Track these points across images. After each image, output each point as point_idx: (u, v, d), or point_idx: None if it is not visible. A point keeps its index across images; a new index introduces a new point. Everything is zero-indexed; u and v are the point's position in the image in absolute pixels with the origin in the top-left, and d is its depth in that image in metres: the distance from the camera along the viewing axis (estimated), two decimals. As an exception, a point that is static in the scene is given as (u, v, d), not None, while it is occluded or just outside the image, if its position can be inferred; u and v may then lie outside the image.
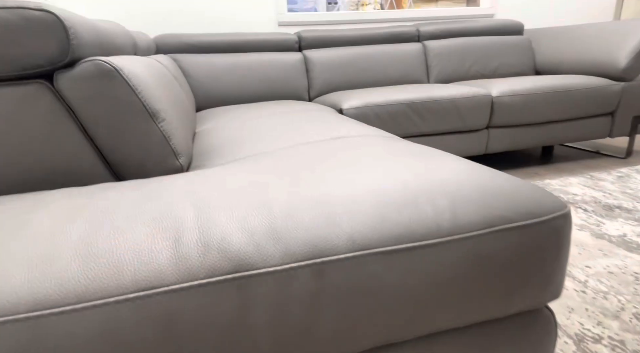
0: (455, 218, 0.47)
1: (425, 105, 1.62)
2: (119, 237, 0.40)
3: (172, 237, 0.42)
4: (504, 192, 0.51)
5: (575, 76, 1.84)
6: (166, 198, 0.49)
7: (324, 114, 1.24)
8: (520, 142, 1.79)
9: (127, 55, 0.91)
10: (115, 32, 0.94)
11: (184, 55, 1.85)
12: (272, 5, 2.26)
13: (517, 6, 2.69)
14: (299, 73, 1.97)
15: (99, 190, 0.55)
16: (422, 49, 2.15)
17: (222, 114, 1.52)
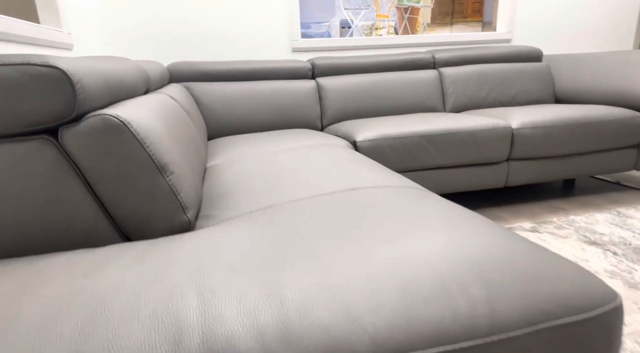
0: (493, 314, 0.41)
1: (443, 137, 1.57)
2: (112, 344, 0.36)
3: (171, 338, 0.37)
4: (546, 277, 0.45)
5: (598, 107, 1.78)
6: (169, 278, 0.45)
7: (339, 152, 1.20)
8: (542, 175, 1.72)
9: (138, 98, 0.89)
10: (126, 72, 0.92)
11: (197, 83, 1.84)
12: (286, 31, 2.26)
13: (534, 31, 2.65)
14: (311, 101, 1.95)
15: (100, 263, 0.51)
16: (437, 76, 2.12)
17: (234, 145, 1.49)
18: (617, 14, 2.73)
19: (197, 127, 1.37)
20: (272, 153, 1.27)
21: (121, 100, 0.86)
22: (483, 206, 1.79)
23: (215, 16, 2.12)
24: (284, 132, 1.72)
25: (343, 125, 1.78)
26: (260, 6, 2.18)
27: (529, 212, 1.71)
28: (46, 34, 1.36)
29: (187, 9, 2.07)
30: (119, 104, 0.72)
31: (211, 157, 1.41)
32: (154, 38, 2.06)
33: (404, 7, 2.83)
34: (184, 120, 1.10)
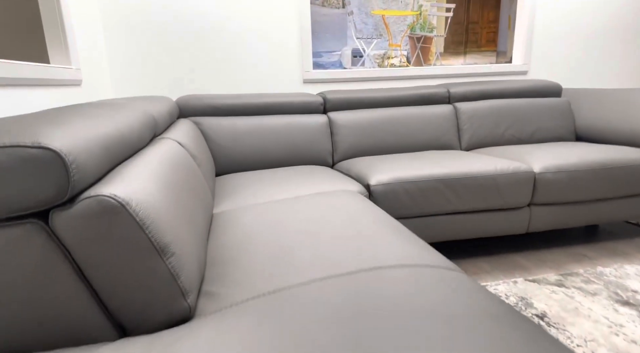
0: None
1: (461, 182, 1.49)
2: None
3: None
4: None
5: (624, 149, 1.69)
6: None
7: (353, 204, 1.13)
8: (566, 221, 1.63)
9: (142, 154, 0.83)
10: (130, 128, 0.87)
11: (206, 118, 1.80)
12: (298, 62, 2.23)
13: (552, 63, 2.59)
14: (323, 136, 1.89)
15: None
16: (453, 111, 2.05)
17: (242, 187, 1.43)
18: (636, 50, 2.66)
19: (204, 170, 1.31)
20: (281, 202, 1.20)
21: (124, 161, 0.81)
22: (504, 252, 1.70)
23: (226, 46, 2.10)
24: (294, 171, 1.66)
25: (355, 164, 1.71)
26: (272, 36, 2.16)
27: (553, 260, 1.61)
28: (54, 74, 1.33)
29: (197, 40, 2.05)
30: (118, 174, 0.66)
31: (218, 199, 1.35)
32: (164, 69, 2.04)
33: (417, 36, 2.80)
34: (191, 171, 1.04)
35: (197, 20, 2.03)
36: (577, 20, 2.56)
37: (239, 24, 2.09)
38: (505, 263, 1.60)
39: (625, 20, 2.61)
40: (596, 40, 2.60)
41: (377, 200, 1.45)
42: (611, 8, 2.57)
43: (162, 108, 1.38)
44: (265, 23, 2.13)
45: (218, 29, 2.06)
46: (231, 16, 2.07)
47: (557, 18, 2.54)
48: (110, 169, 0.71)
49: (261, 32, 2.13)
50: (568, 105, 2.14)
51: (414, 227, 1.51)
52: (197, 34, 2.04)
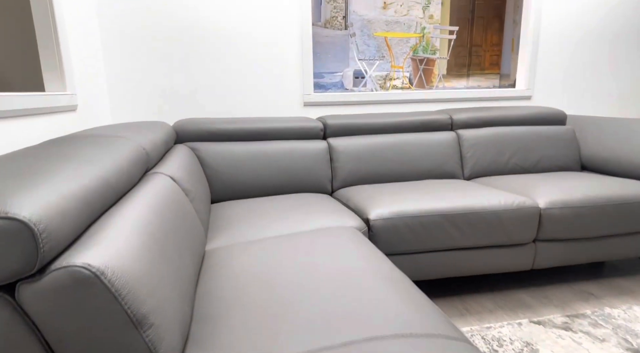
0: None
1: (464, 217, 1.44)
2: None
3: None
4: None
5: (629, 183, 1.64)
6: None
7: (352, 249, 1.08)
8: (572, 257, 1.57)
9: (128, 200, 0.79)
10: (119, 169, 0.82)
11: (203, 144, 1.76)
12: (298, 85, 2.20)
13: (555, 88, 2.56)
14: (322, 163, 1.85)
15: None
16: (455, 139, 2.01)
17: (237, 219, 1.38)
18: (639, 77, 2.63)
19: (198, 203, 1.27)
20: (276, 241, 1.15)
21: (108, 209, 0.76)
22: (508, 288, 1.64)
23: (227, 68, 2.07)
24: (292, 200, 1.61)
25: (355, 193, 1.67)
26: (273, 59, 2.13)
27: (558, 298, 1.55)
28: (48, 102, 1.29)
29: (198, 62, 2.03)
30: (97, 232, 0.62)
31: (212, 233, 1.30)
32: (163, 92, 2.01)
33: (419, 58, 2.78)
34: (182, 211, 0.99)
35: (197, 43, 2.00)
36: (580, 45, 2.54)
37: (241, 47, 2.07)
38: (509, 301, 1.54)
39: (629, 47, 2.59)
40: (599, 66, 2.58)
41: (377, 236, 1.40)
42: (615, 35, 2.55)
43: (158, 137, 1.35)
44: (266, 45, 2.11)
45: (219, 52, 2.04)
46: (233, 39, 2.05)
47: (560, 43, 2.52)
48: (91, 223, 0.67)
49: (263, 54, 2.11)
50: (573, 134, 2.10)
51: (415, 263, 1.46)
52: (197, 56, 2.02)
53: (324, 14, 2.47)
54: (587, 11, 2.50)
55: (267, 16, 2.08)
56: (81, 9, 1.68)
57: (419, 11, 2.67)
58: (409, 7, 2.66)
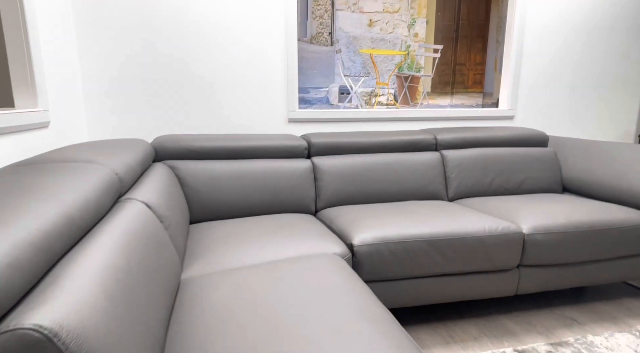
0: None
1: (448, 243, 1.42)
2: None
3: None
4: None
5: (611, 207, 1.66)
6: None
7: (338, 288, 1.04)
8: (555, 282, 1.57)
9: (94, 238, 0.73)
10: (84, 203, 0.77)
11: (183, 162, 1.70)
12: (283, 101, 2.17)
13: (536, 110, 2.60)
14: (306, 182, 1.81)
15: None
16: (440, 159, 2.01)
17: (216, 244, 1.33)
18: (618, 101, 2.70)
19: (174, 230, 1.21)
20: (256, 270, 1.10)
21: (72, 248, 0.71)
22: (491, 313, 1.62)
23: (209, 83, 2.02)
24: (274, 222, 1.56)
25: (338, 215, 1.63)
26: (257, 74, 2.10)
27: (541, 324, 1.54)
28: (17, 120, 1.22)
29: (179, 76, 1.98)
30: (54, 282, 0.56)
31: (189, 259, 1.24)
32: (143, 107, 1.95)
33: (404, 75, 2.79)
34: (153, 244, 0.94)
35: (179, 56, 1.96)
36: (561, 67, 2.59)
37: (225, 60, 2.03)
38: (493, 328, 1.52)
39: (608, 70, 2.66)
40: (580, 87, 2.63)
41: (360, 262, 1.37)
42: (594, 59, 2.62)
43: (134, 157, 1.29)
44: (250, 61, 2.07)
45: (202, 65, 1.99)
46: (217, 52, 2.01)
47: (542, 64, 2.57)
48: (50, 268, 0.61)
49: (247, 69, 2.07)
50: (555, 156, 2.13)
51: (398, 290, 1.43)
52: (179, 70, 1.97)
53: (310, 30, 2.46)
54: (567, 36, 2.55)
55: (252, 30, 2.05)
56: (57, 18, 1.62)
57: (404, 29, 2.69)
58: (395, 25, 2.67)
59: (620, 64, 2.65)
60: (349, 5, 2.54)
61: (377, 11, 2.65)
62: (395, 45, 2.68)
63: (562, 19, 2.52)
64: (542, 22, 2.52)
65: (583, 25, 2.55)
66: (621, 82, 2.68)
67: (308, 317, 0.84)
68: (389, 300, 1.43)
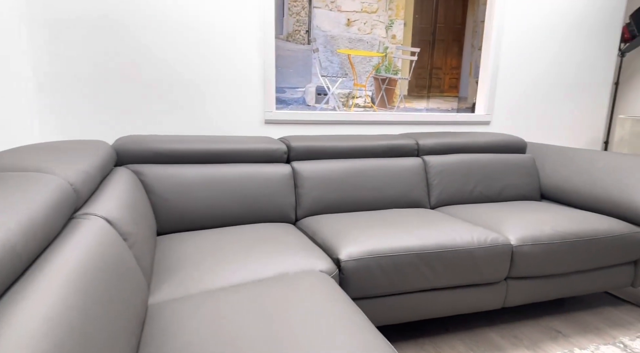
0: None
1: (438, 256, 1.36)
2: None
3: None
4: None
5: (594, 218, 1.66)
6: None
7: (326, 311, 0.93)
8: (542, 294, 1.54)
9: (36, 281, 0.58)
10: (30, 225, 0.62)
11: (149, 166, 1.53)
12: (259, 102, 2.04)
13: (512, 116, 2.62)
14: (285, 189, 1.69)
15: None
16: (422, 165, 1.95)
17: (189, 259, 1.19)
18: (588, 108, 2.77)
19: (140, 247, 1.06)
20: (235, 292, 0.97)
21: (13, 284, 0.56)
22: (478, 326, 1.57)
23: (179, 80, 1.86)
24: (252, 233, 1.44)
25: (321, 225, 1.53)
26: (232, 73, 1.95)
27: (528, 338, 1.51)
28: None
29: (144, 70, 1.80)
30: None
31: (157, 279, 1.10)
32: (104, 104, 1.75)
33: (382, 78, 2.73)
34: (116, 270, 0.79)
35: (143, 51, 1.78)
36: (535, 74, 2.62)
37: (195, 57, 1.87)
38: (480, 342, 1.47)
39: (579, 78, 2.72)
40: (553, 94, 2.67)
41: (348, 279, 1.27)
42: (567, 66, 2.66)
43: (92, 162, 1.12)
44: (224, 56, 1.92)
45: (170, 63, 1.82)
46: (185, 49, 1.84)
47: (518, 71, 2.59)
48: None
49: (220, 67, 1.92)
50: (533, 163, 2.13)
51: (385, 306, 1.34)
52: (144, 66, 1.79)
53: (287, 27, 2.33)
54: (541, 43, 2.58)
55: (225, 24, 1.90)
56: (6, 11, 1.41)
57: (382, 30, 2.62)
58: (373, 25, 2.60)
59: (590, 73, 2.72)
60: (326, 3, 2.44)
61: (355, 10, 2.56)
62: (373, 46, 2.61)
63: (537, 27, 2.55)
64: (519, 30, 2.53)
65: (555, 34, 2.59)
66: (590, 90, 2.75)
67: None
68: (376, 318, 1.35)
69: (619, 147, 2.54)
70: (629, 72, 2.96)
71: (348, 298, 1.00)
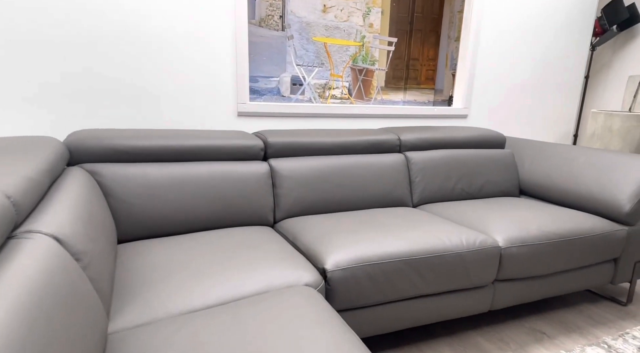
0: None
1: (428, 261, 1.28)
2: None
3: None
4: None
5: (576, 216, 1.64)
6: None
7: (322, 344, 0.83)
8: (527, 295, 1.52)
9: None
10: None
11: (108, 165, 1.36)
12: (232, 92, 1.88)
13: (489, 109, 2.60)
14: (262, 189, 1.56)
15: None
16: (404, 162, 1.87)
17: (155, 273, 1.04)
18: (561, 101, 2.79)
19: (97, 265, 0.91)
20: (210, 316, 0.85)
21: None
22: (462, 330, 1.53)
23: (142, 68, 1.67)
24: (227, 239, 1.31)
25: (302, 228, 1.42)
26: (201, 59, 1.78)
27: (514, 340, 1.48)
28: None
29: (102, 57, 1.59)
30: None
31: (118, 298, 0.95)
32: (48, 95, 1.54)
33: (359, 68, 2.62)
34: (66, 300, 0.65)
35: (102, 32, 1.57)
36: (511, 68, 2.60)
37: (160, 43, 1.68)
38: (467, 346, 1.42)
39: (553, 71, 2.72)
40: (528, 88, 2.67)
41: (334, 290, 1.17)
42: (541, 59, 2.66)
43: (38, 165, 0.95)
44: (193, 43, 1.75)
45: (132, 45, 1.63)
46: (149, 31, 1.65)
47: (495, 65, 2.56)
48: None
49: (188, 54, 1.74)
50: (512, 158, 2.10)
51: (372, 317, 1.26)
52: (103, 48, 1.58)
53: (259, 11, 2.17)
54: (518, 37, 2.56)
55: (194, 4, 1.72)
56: None
57: (359, 18, 2.50)
58: (349, 12, 2.48)
59: (564, 66, 2.74)
60: (302, -14, 2.28)
61: (331, -4, 2.42)
62: (350, 34, 2.49)
63: (516, 21, 2.52)
64: (497, 23, 2.49)
65: (532, 27, 2.57)
66: (564, 83, 2.77)
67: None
68: (362, 330, 1.26)
69: (590, 142, 2.58)
70: (598, 66, 3.02)
71: (337, 316, 0.90)
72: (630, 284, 1.73)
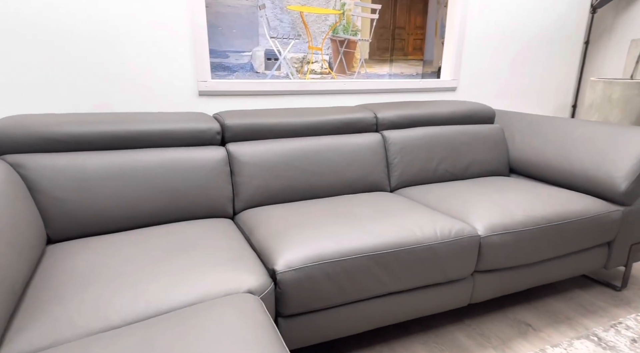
0: None
1: (395, 256, 1.14)
2: None
3: None
4: None
5: (568, 196, 1.49)
6: None
7: None
8: (511, 286, 1.39)
9: None
10: None
11: (35, 156, 1.20)
12: (190, 67, 1.70)
13: (479, 81, 2.40)
14: (219, 177, 1.41)
15: None
16: (381, 142, 1.71)
17: (74, 280, 0.91)
18: (557, 70, 2.59)
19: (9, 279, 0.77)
20: (112, 338, 0.72)
21: None
22: (440, 325, 1.41)
23: (78, 42, 1.49)
24: (172, 237, 1.17)
25: (261, 220, 1.28)
26: (154, 32, 1.59)
27: (495, 335, 1.36)
28: None
29: (28, 29, 1.41)
30: None
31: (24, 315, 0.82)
32: (-23, 75, 1.37)
33: (340, 39, 2.41)
34: None
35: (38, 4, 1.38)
36: (503, 35, 2.39)
37: (100, 10, 1.49)
38: (444, 344, 1.30)
39: (549, 37, 2.51)
40: (524, 56, 2.46)
41: (286, 293, 1.04)
42: (536, 24, 2.44)
43: None
44: (143, 13, 1.56)
45: (69, 17, 1.44)
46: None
47: (485, 32, 2.34)
48: None
49: (138, 25, 1.56)
50: (502, 134, 1.93)
51: (333, 319, 1.13)
52: (33, 20, 1.40)
53: (225, -22, 1.96)
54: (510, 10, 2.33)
55: (137, -27, 1.52)
56: None
57: (339, -17, 2.28)
58: (328, -23, 2.25)
59: (561, 30, 2.52)
60: (271, -52, 2.07)
61: (306, -42, 2.20)
62: (329, 2, 2.28)
63: (510, -21, 2.29)
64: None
65: None
66: (561, 50, 2.55)
67: None
68: (324, 333, 1.14)
69: (588, 114, 2.39)
70: (599, 30, 2.78)
71: (272, 333, 0.77)
72: (626, 268, 1.59)
